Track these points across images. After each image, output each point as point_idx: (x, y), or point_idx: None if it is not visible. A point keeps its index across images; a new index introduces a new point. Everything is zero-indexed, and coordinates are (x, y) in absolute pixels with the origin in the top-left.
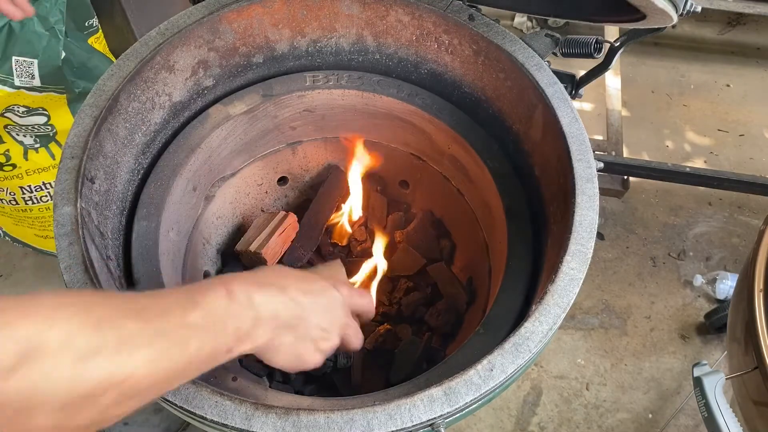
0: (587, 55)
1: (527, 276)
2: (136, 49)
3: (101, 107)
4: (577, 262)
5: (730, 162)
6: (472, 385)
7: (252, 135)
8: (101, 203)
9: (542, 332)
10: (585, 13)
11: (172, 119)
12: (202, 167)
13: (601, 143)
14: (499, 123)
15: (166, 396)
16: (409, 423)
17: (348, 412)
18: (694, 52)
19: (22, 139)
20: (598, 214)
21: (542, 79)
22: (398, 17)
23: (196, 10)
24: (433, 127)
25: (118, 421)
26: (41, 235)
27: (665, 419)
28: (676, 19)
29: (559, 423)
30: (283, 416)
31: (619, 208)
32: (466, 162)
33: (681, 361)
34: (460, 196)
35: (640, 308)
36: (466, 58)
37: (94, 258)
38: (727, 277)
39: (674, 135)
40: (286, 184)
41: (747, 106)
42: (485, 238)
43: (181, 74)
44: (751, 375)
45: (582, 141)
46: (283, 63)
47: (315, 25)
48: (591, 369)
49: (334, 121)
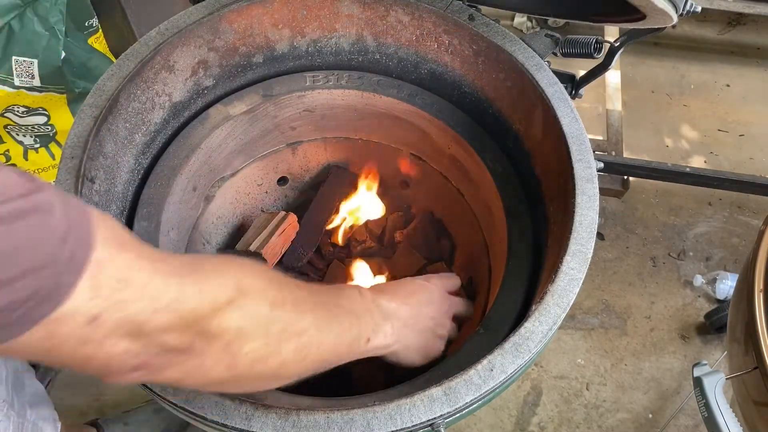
0: (587, 55)
1: (527, 276)
2: (136, 49)
3: (101, 107)
4: (577, 262)
5: (730, 162)
6: (472, 385)
7: (252, 135)
8: (101, 203)
9: (542, 332)
10: (585, 13)
11: (172, 119)
12: (202, 167)
13: (601, 143)
14: (499, 123)
15: (166, 396)
16: (409, 423)
17: (348, 412)
18: (694, 52)
19: (22, 139)
20: (598, 214)
21: (542, 79)
22: (398, 17)
23: (196, 10)
24: (433, 127)
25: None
26: None
27: (665, 419)
28: (676, 19)
29: (559, 423)
30: (283, 416)
31: (619, 208)
32: (466, 162)
33: (681, 361)
34: (460, 196)
35: (640, 308)
36: (466, 58)
37: None
38: (727, 277)
39: (674, 135)
40: (286, 184)
41: (747, 106)
42: (485, 238)
43: (181, 74)
44: (751, 375)
45: (582, 141)
46: (283, 63)
47: (315, 25)
48: (591, 369)
49: (334, 121)
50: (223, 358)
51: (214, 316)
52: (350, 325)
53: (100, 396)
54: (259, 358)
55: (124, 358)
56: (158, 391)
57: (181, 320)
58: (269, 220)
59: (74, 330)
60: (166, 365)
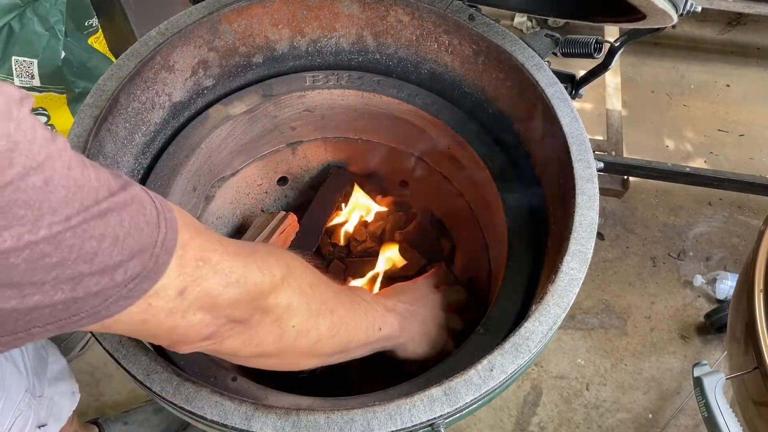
0: (587, 55)
1: (527, 276)
2: (136, 49)
3: (101, 107)
4: (577, 262)
5: (730, 162)
6: (472, 385)
7: (252, 135)
8: None
9: (542, 332)
10: (585, 13)
11: (172, 119)
12: (202, 167)
13: (601, 143)
14: (499, 123)
15: (166, 396)
16: (409, 423)
17: (348, 412)
18: (694, 52)
19: None
20: (598, 214)
21: (542, 79)
22: (398, 17)
23: (196, 10)
24: (433, 127)
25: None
26: None
27: (665, 419)
28: (676, 20)
29: (559, 423)
30: (283, 416)
31: (619, 208)
32: (466, 162)
33: (681, 361)
34: (460, 196)
35: (640, 308)
36: (466, 58)
37: None
38: (727, 277)
39: (674, 135)
40: (286, 184)
41: (747, 106)
42: (485, 238)
43: (181, 74)
44: (751, 375)
45: (582, 141)
46: (283, 63)
47: (315, 25)
48: (591, 369)
49: (334, 121)
50: (273, 330)
51: (271, 291)
52: (365, 313)
53: (100, 396)
54: (301, 331)
55: (198, 328)
56: (158, 391)
57: (247, 294)
58: (269, 220)
59: (167, 303)
60: (229, 335)
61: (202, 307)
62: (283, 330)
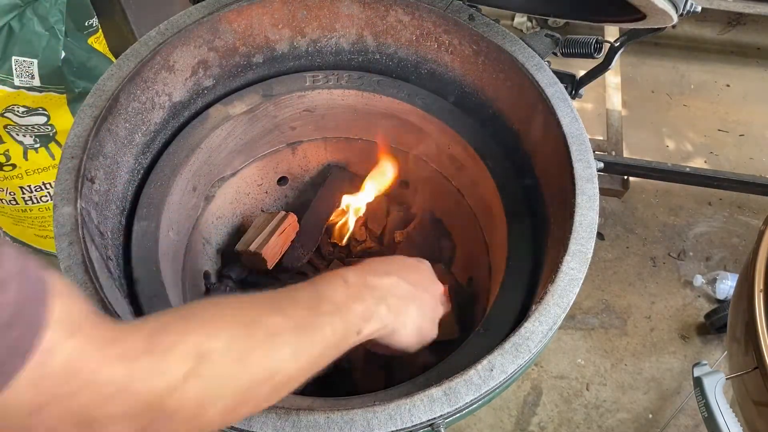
0: (587, 55)
1: (527, 276)
2: (136, 49)
3: (101, 107)
4: (577, 262)
5: (730, 162)
6: (472, 385)
7: (252, 135)
8: (101, 203)
9: (542, 332)
10: (585, 13)
11: (172, 119)
12: (202, 167)
13: (601, 143)
14: (499, 123)
15: None
16: (409, 423)
17: (348, 412)
18: (694, 52)
19: (21, 139)
20: (598, 214)
21: (542, 79)
22: (398, 17)
23: (196, 10)
24: (433, 127)
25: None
26: (41, 235)
27: (665, 419)
28: (676, 20)
29: (559, 423)
30: (283, 416)
31: (619, 208)
32: (466, 162)
33: (681, 361)
34: (460, 196)
35: (640, 308)
36: (466, 58)
37: (94, 258)
38: (727, 277)
39: (674, 135)
40: (286, 184)
41: (747, 106)
42: (485, 238)
43: (181, 74)
44: (751, 375)
45: (582, 141)
46: (283, 63)
47: (315, 25)
48: (591, 369)
49: (334, 121)
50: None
51: (171, 393)
52: (334, 330)
53: None
54: (230, 410)
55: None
56: None
57: (135, 405)
58: (269, 220)
59: (14, 421)
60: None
61: (75, 425)
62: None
